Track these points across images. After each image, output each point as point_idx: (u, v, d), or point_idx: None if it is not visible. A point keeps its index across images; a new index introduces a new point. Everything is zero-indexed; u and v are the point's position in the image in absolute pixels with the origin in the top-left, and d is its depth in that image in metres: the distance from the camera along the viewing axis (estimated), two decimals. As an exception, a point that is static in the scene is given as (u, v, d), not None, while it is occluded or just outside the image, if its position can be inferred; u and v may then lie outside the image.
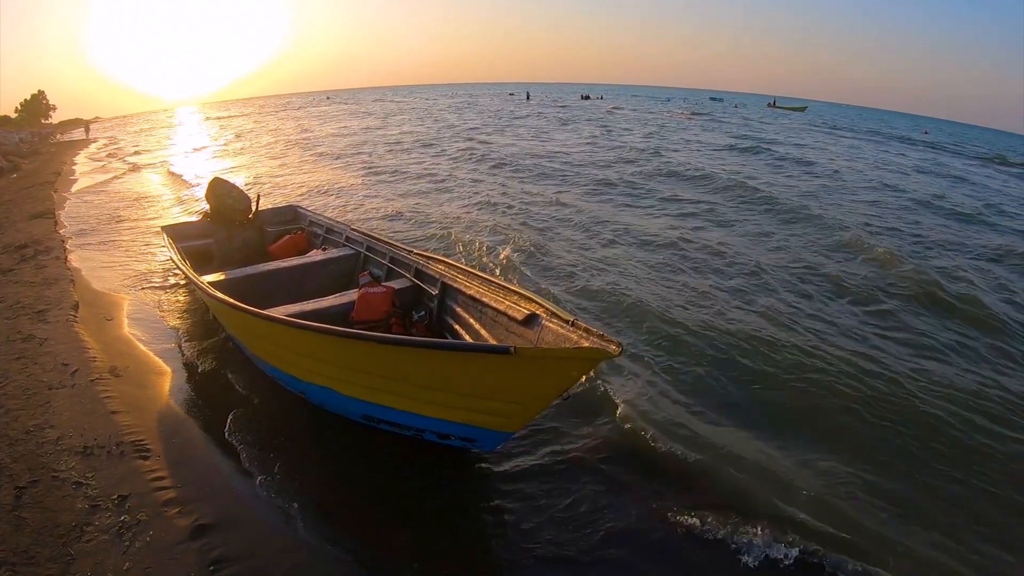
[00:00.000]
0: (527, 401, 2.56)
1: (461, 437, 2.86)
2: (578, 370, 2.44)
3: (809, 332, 4.83)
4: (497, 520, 2.81)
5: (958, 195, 12.69)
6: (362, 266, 5.27)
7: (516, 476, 3.07)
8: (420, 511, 2.85)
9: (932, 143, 30.60)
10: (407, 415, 2.93)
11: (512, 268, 6.33)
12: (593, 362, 2.42)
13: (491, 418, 2.68)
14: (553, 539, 2.67)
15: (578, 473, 3.11)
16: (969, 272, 6.64)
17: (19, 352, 4.36)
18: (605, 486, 3.02)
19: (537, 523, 2.76)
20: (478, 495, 2.98)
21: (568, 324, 2.75)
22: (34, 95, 56.53)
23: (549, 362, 2.38)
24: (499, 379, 2.50)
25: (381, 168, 14.49)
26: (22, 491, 2.86)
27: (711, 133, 24.27)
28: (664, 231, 8.04)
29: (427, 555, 2.60)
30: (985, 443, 3.47)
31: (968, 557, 2.65)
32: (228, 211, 6.20)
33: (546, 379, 2.43)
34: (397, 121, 30.51)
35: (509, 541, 2.69)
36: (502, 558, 2.63)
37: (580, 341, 2.60)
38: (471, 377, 2.57)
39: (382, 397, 2.95)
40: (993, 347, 4.78)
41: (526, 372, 2.42)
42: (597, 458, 3.23)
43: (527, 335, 3.00)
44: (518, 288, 3.36)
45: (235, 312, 3.50)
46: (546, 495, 2.93)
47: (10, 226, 9.02)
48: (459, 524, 2.80)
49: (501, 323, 3.31)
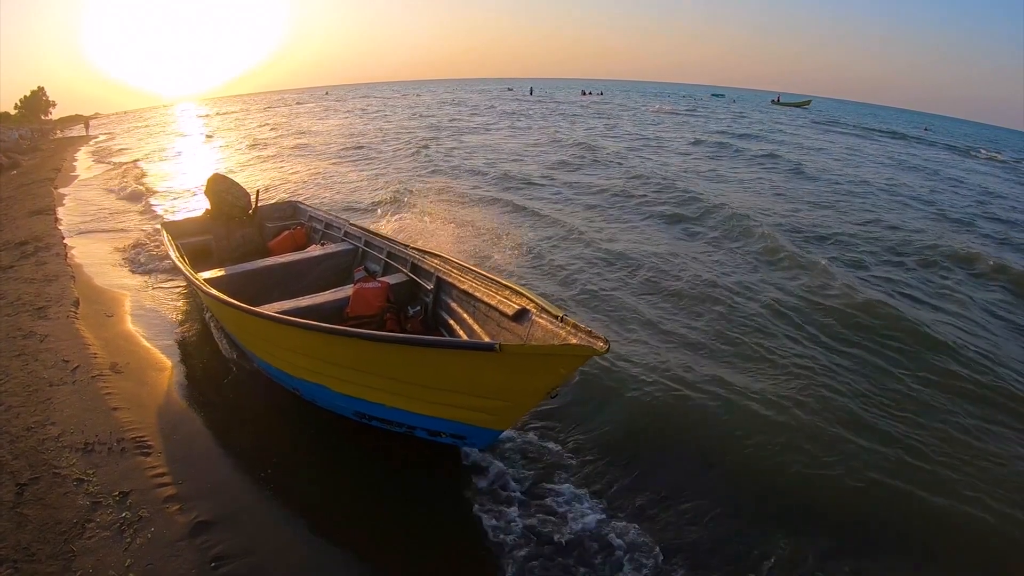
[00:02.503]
0: (515, 398, 2.54)
1: (451, 434, 2.84)
2: (565, 367, 2.39)
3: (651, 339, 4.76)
4: (488, 516, 2.79)
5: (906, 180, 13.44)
6: (360, 261, 5.27)
7: (505, 472, 3.05)
8: (413, 510, 2.84)
9: (917, 138, 30.59)
10: (397, 412, 2.91)
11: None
12: (580, 359, 2.35)
13: (480, 415, 2.65)
14: (544, 537, 2.66)
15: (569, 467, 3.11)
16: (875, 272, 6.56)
17: (20, 349, 4.36)
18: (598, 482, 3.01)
19: (527, 522, 2.74)
20: (470, 491, 2.95)
21: (557, 320, 2.73)
22: (34, 91, 56.44)
23: (535, 359, 2.34)
24: (486, 376, 2.48)
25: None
26: (23, 488, 2.87)
27: (676, 128, 24.55)
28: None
29: (421, 556, 2.60)
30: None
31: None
32: (227, 207, 6.18)
33: (533, 376, 2.41)
34: (365, 118, 31.07)
35: (499, 537, 2.67)
36: (493, 553, 2.62)
37: (568, 337, 2.57)
38: (458, 374, 2.55)
39: (373, 394, 2.93)
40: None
41: (512, 369, 2.39)
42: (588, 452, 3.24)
43: (517, 331, 2.98)
44: (509, 283, 3.34)
45: (228, 309, 3.49)
46: (538, 493, 2.92)
47: (10, 223, 9.02)
48: (450, 523, 2.79)
49: (493, 318, 3.30)
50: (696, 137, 19.82)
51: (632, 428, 3.47)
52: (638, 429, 3.47)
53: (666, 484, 3.02)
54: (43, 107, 56.21)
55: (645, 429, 3.47)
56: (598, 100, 48.11)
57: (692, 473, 3.12)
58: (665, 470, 3.14)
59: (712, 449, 3.30)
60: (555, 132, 20.52)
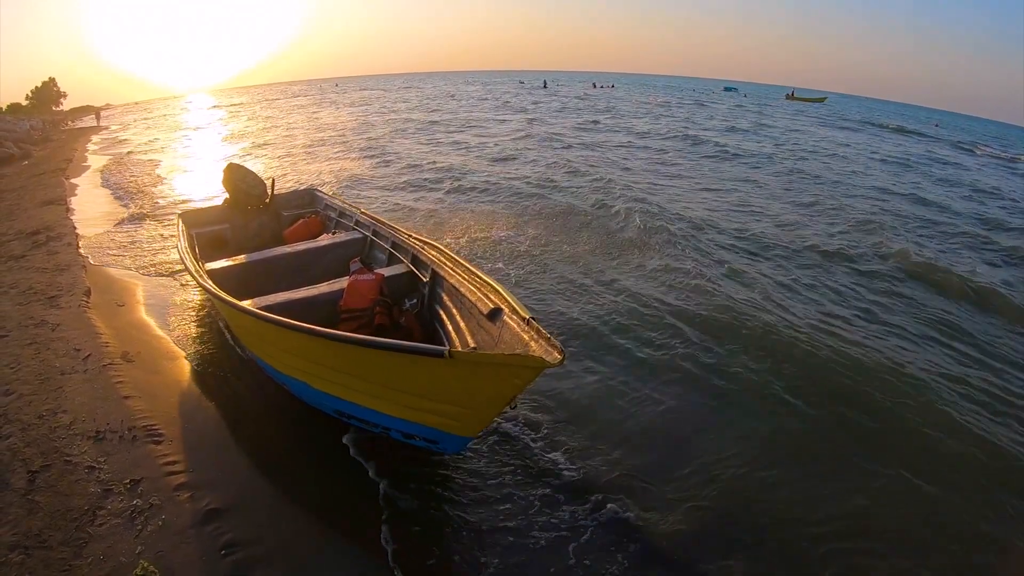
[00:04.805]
0: (474, 406, 2.44)
1: (424, 438, 2.77)
2: (520, 378, 2.25)
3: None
4: (473, 518, 2.77)
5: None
6: (368, 251, 5.23)
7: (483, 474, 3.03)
8: (407, 508, 2.82)
9: (914, 131, 30.81)
10: (372, 413, 2.86)
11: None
12: (534, 371, 2.20)
13: (446, 420, 2.58)
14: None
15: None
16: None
17: (32, 337, 4.39)
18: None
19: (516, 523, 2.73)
20: (451, 493, 2.93)
21: (524, 322, 2.61)
22: (45, 82, 56.68)
23: (487, 368, 2.25)
24: (440, 382, 2.43)
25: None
26: (35, 475, 2.88)
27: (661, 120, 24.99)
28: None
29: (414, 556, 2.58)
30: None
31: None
32: (243, 196, 6.17)
33: (486, 384, 2.32)
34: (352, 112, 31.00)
35: (484, 538, 2.66)
36: (479, 558, 2.59)
37: (530, 342, 2.46)
38: (416, 379, 2.49)
39: (349, 393, 2.90)
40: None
41: (465, 377, 2.32)
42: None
43: (491, 330, 2.89)
44: (488, 278, 3.26)
45: (220, 302, 3.47)
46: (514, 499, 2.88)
47: (22, 213, 9.08)
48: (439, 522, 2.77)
49: (474, 315, 3.20)
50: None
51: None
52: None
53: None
54: (54, 98, 56.45)
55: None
56: (613, 91, 48.67)
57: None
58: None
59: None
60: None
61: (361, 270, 4.49)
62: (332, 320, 3.67)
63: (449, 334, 3.49)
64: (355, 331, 3.24)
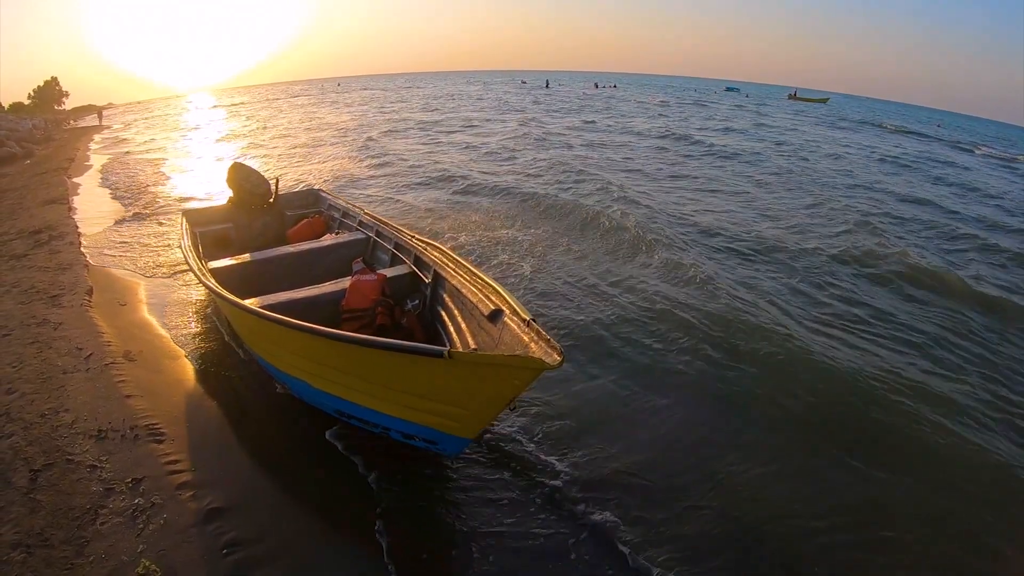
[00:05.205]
0: (473, 406, 2.44)
1: (423, 438, 2.77)
2: (520, 379, 2.26)
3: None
4: (472, 519, 2.77)
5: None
6: (371, 251, 5.24)
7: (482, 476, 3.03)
8: (402, 505, 2.82)
9: (908, 130, 30.88)
10: (372, 412, 2.87)
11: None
12: (532, 372, 2.20)
13: (445, 421, 2.58)
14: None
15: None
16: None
17: (34, 336, 4.40)
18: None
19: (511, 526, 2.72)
20: (455, 494, 2.92)
21: (525, 324, 2.61)
22: (47, 82, 56.69)
23: (486, 368, 2.25)
24: (439, 382, 2.43)
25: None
26: (37, 474, 2.89)
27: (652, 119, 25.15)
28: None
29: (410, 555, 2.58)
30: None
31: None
32: (247, 195, 6.18)
33: (485, 385, 2.32)
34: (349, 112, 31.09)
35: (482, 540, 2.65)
36: (475, 557, 2.59)
37: (530, 344, 2.46)
38: (415, 379, 2.50)
39: (349, 393, 2.91)
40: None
41: (464, 377, 2.33)
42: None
43: (492, 332, 2.90)
44: (488, 279, 3.27)
45: (223, 300, 3.48)
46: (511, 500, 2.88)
47: (24, 212, 9.10)
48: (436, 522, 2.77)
49: (475, 316, 3.21)
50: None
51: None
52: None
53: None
54: (56, 97, 56.47)
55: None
56: (615, 91, 48.52)
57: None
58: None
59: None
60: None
61: (364, 270, 4.50)
62: (334, 320, 3.69)
63: (450, 335, 3.50)
64: (357, 331, 3.25)
